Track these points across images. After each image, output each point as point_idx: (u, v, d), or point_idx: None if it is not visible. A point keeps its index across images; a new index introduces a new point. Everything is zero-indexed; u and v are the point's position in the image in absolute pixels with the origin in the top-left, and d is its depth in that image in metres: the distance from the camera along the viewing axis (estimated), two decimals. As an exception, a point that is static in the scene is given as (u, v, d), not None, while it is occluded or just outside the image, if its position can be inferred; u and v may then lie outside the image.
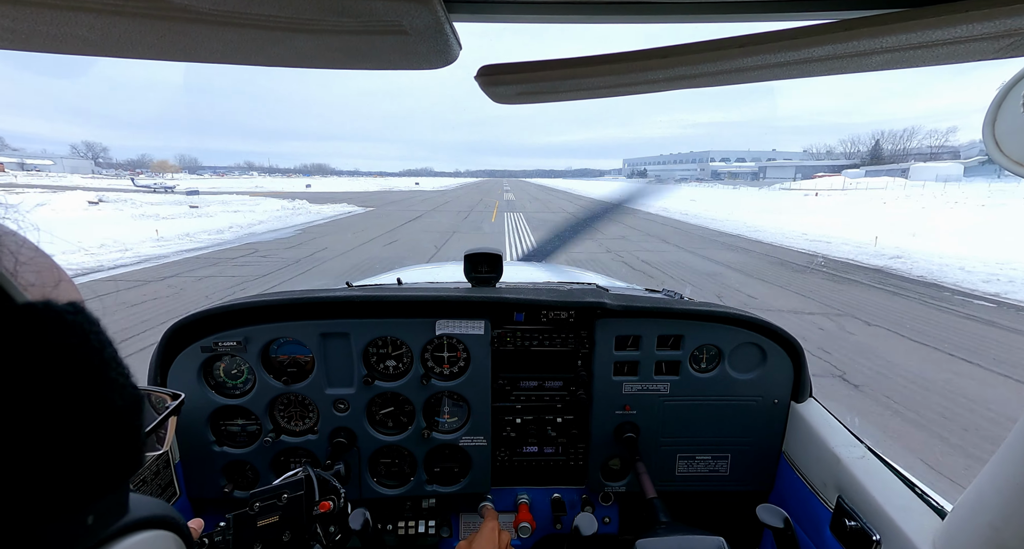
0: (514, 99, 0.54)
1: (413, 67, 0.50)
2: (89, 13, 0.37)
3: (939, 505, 0.90)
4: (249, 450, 1.26)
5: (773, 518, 0.94)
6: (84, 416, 0.24)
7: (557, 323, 1.31)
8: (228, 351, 1.21)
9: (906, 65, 0.44)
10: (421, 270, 2.65)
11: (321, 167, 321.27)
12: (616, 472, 1.39)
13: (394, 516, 1.38)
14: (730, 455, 1.34)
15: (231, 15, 0.38)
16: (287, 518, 0.90)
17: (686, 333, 1.28)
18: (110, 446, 0.25)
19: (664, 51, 0.43)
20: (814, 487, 1.15)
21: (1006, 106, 0.53)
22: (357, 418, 1.27)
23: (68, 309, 0.25)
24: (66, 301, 0.25)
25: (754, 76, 0.48)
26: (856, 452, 1.07)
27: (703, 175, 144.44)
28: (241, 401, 1.24)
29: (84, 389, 0.24)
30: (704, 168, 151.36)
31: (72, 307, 0.25)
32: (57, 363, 0.23)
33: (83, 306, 0.26)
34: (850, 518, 0.98)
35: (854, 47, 0.40)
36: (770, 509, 0.96)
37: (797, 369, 1.29)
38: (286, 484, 0.93)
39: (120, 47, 0.44)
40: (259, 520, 0.88)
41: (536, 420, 1.35)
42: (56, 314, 0.24)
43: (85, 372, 0.24)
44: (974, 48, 0.41)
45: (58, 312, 0.24)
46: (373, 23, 0.40)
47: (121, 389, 0.26)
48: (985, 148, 0.55)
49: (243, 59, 0.47)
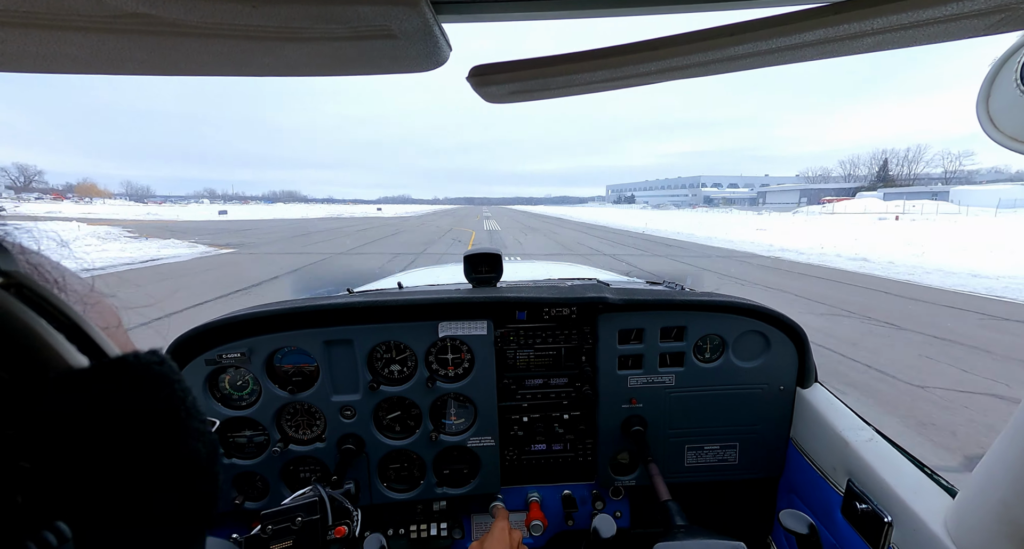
0: (507, 98, 0.54)
1: (404, 70, 0.49)
2: (78, 32, 0.37)
3: (949, 484, 0.90)
4: (258, 461, 1.26)
5: (798, 525, 0.93)
6: (178, 469, 0.24)
7: (560, 320, 1.31)
8: (232, 363, 1.21)
9: (898, 45, 0.44)
10: (421, 273, 2.65)
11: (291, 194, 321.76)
12: (625, 466, 1.39)
13: (406, 520, 1.38)
14: (738, 444, 1.34)
15: (220, 27, 0.38)
16: (301, 544, 0.87)
17: (689, 324, 1.28)
18: (199, 494, 0.25)
19: (655, 43, 0.43)
20: (823, 472, 1.15)
21: (999, 82, 0.53)
22: (364, 424, 1.27)
23: (154, 360, 0.24)
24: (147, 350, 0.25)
25: (746, 64, 0.48)
26: (864, 435, 1.08)
27: (695, 201, 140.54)
28: (247, 412, 1.24)
29: (176, 442, 0.24)
30: (696, 194, 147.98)
31: (157, 357, 0.25)
32: (152, 419, 0.23)
33: (165, 355, 0.25)
34: (861, 501, 0.98)
35: (845, 30, 0.40)
36: (794, 515, 0.95)
37: (801, 355, 1.29)
38: (299, 506, 0.90)
39: (110, 64, 0.44)
40: (272, 544, 0.86)
41: (543, 418, 1.35)
42: (146, 367, 0.24)
43: (176, 425, 0.24)
44: (965, 25, 0.41)
45: (147, 364, 0.24)
46: (362, 29, 0.40)
47: (203, 437, 0.26)
48: (980, 124, 0.55)
49: (234, 70, 0.47)
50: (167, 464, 0.23)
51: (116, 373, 0.22)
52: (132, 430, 0.22)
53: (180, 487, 0.24)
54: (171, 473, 0.23)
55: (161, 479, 0.23)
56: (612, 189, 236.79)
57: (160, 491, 0.23)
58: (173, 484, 0.24)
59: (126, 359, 0.23)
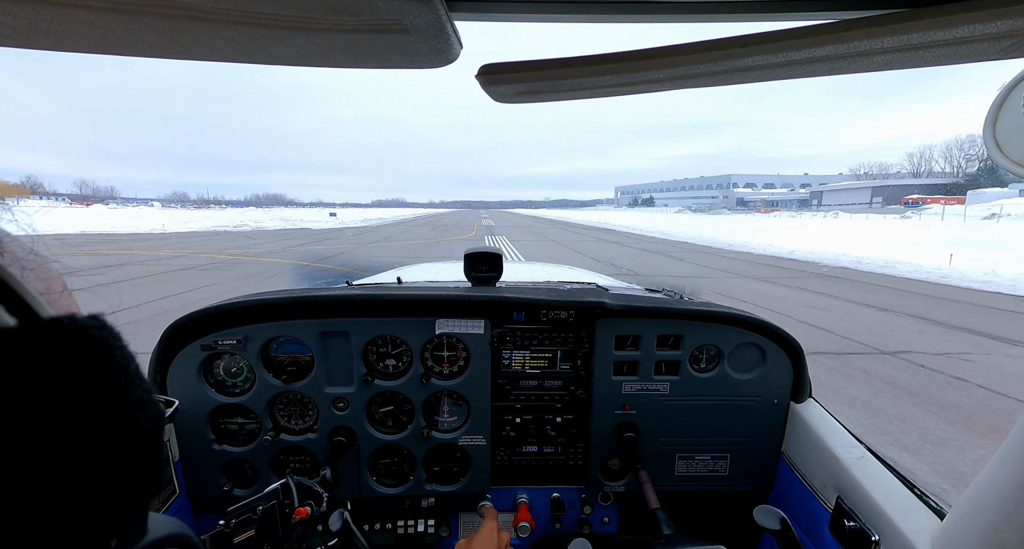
0: (515, 98, 0.54)
1: (414, 66, 0.49)
2: (90, 10, 0.37)
3: (938, 506, 0.90)
4: (248, 449, 1.26)
5: (770, 520, 0.93)
6: (113, 437, 0.23)
7: (557, 323, 1.31)
8: (228, 349, 1.21)
9: (907, 65, 0.44)
10: (421, 269, 2.65)
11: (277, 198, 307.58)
12: (615, 472, 1.39)
13: (393, 515, 1.38)
14: (729, 455, 1.34)
15: (232, 13, 0.38)
16: (263, 530, 0.88)
17: (686, 333, 1.28)
18: (137, 467, 0.24)
19: (665, 50, 0.43)
20: (813, 487, 1.15)
21: (1007, 107, 0.53)
22: (357, 417, 1.27)
23: (93, 323, 0.23)
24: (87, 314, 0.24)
25: (755, 76, 0.48)
26: (855, 453, 1.07)
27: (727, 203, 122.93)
28: (241, 399, 1.24)
29: (113, 409, 0.23)
30: (728, 195, 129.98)
31: (96, 321, 0.24)
32: (87, 383, 0.22)
33: (106, 320, 0.24)
34: (849, 518, 0.98)
35: (855, 47, 0.40)
36: (767, 510, 0.95)
37: (797, 369, 1.29)
38: (261, 496, 0.92)
39: (121, 45, 0.44)
40: (235, 536, 0.86)
41: (536, 419, 1.35)
42: (82, 330, 0.23)
43: (113, 391, 0.23)
44: (975, 49, 0.41)
45: (84, 327, 0.23)
46: (374, 21, 0.40)
47: (145, 407, 0.25)
48: (986, 149, 0.55)
49: (244, 57, 0.47)
50: (100, 432, 0.22)
51: (47, 335, 0.21)
52: (62, 396, 0.21)
53: (116, 457, 0.23)
54: (105, 442, 0.22)
55: (93, 448, 0.22)
56: (622, 191, 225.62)
57: (92, 460, 0.22)
58: (107, 453, 0.22)
59: (60, 321, 0.22)
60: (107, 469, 0.23)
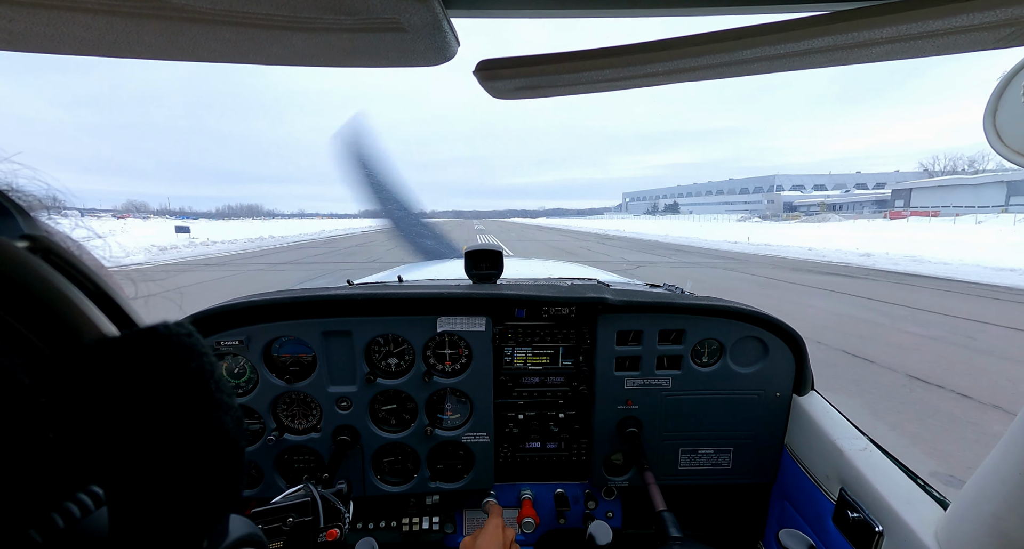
0: (513, 94, 0.53)
1: (412, 64, 0.49)
2: (86, 13, 0.37)
3: (941, 496, 0.90)
4: (253, 449, 1.27)
5: (797, 545, 0.93)
6: (207, 441, 0.24)
7: (559, 319, 1.31)
8: (230, 351, 1.21)
9: (906, 56, 0.44)
10: (422, 268, 2.65)
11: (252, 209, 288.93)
12: (619, 467, 1.39)
13: (398, 513, 1.39)
14: (732, 448, 1.35)
15: (228, 14, 0.38)
16: (292, 545, 0.86)
17: (687, 328, 1.28)
18: (225, 468, 0.25)
19: (663, 44, 0.43)
20: (817, 479, 1.15)
21: (1007, 96, 0.53)
22: (360, 416, 1.27)
23: (184, 331, 0.24)
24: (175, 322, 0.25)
25: (753, 68, 0.48)
26: (858, 444, 1.08)
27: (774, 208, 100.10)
28: (244, 400, 1.25)
29: (205, 413, 0.24)
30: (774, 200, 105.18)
31: (185, 328, 0.24)
32: (183, 388, 0.23)
33: (192, 327, 0.25)
34: (853, 510, 0.98)
35: (854, 38, 0.40)
36: (793, 535, 0.94)
37: (799, 362, 1.29)
38: (291, 506, 0.89)
39: (118, 47, 0.44)
40: None
41: (539, 416, 1.35)
42: (176, 337, 0.23)
43: (205, 396, 0.24)
44: (974, 38, 0.41)
45: (177, 335, 0.24)
46: (371, 20, 0.40)
47: (230, 410, 0.26)
48: (986, 138, 0.55)
49: (241, 58, 0.47)
50: (196, 435, 0.23)
51: (149, 343, 0.22)
52: (164, 400, 0.22)
53: (208, 459, 0.24)
54: (200, 444, 0.23)
55: (191, 450, 0.23)
56: (632, 197, 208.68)
57: (189, 462, 0.23)
58: (202, 455, 0.24)
59: (157, 329, 0.23)
60: (202, 471, 0.24)
